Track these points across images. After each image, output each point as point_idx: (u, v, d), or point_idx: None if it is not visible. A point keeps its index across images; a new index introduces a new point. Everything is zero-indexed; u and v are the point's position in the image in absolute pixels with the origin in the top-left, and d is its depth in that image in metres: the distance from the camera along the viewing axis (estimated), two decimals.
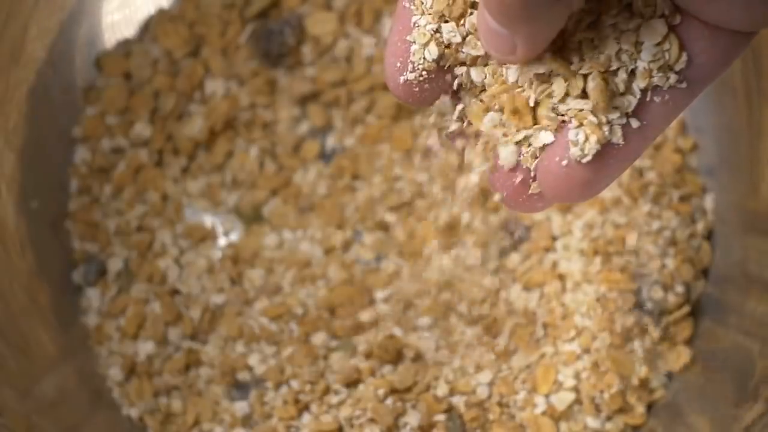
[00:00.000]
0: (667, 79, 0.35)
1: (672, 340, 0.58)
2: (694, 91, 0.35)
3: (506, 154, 0.37)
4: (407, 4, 0.37)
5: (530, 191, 0.37)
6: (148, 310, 0.59)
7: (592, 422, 0.56)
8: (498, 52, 0.34)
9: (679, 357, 0.57)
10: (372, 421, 0.55)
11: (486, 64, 0.37)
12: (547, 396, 0.56)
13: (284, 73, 0.63)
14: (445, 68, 0.37)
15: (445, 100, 0.38)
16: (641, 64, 0.35)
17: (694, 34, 0.34)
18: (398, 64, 0.37)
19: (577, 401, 0.56)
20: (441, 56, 0.37)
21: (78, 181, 0.62)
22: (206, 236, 0.61)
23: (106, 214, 0.61)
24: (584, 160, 0.35)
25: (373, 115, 0.63)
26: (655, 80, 0.35)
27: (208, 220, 0.62)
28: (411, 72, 0.37)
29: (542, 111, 0.36)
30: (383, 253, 0.60)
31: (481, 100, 0.37)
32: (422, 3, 0.37)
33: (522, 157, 0.36)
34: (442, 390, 0.56)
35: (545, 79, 0.35)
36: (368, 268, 0.60)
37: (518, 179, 0.37)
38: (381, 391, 0.56)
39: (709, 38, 0.34)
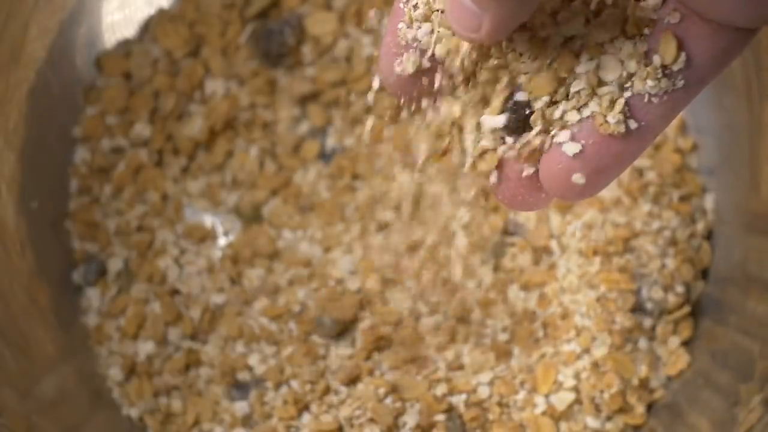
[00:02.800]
0: (660, 83, 0.35)
1: (672, 340, 0.58)
2: (693, 90, 0.35)
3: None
4: (402, 5, 0.37)
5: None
6: (148, 310, 0.59)
7: (592, 422, 0.56)
8: (463, 28, 0.34)
9: (678, 357, 0.57)
10: (372, 420, 0.55)
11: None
12: (547, 396, 0.56)
13: (284, 73, 0.63)
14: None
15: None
16: (612, 88, 0.35)
17: (694, 32, 0.34)
18: (391, 63, 0.38)
19: (577, 401, 0.56)
20: (421, 67, 0.37)
21: (78, 181, 0.62)
22: (206, 236, 0.61)
23: (106, 214, 0.62)
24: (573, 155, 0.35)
25: (373, 115, 0.63)
26: (648, 87, 0.35)
27: (208, 220, 0.62)
28: (401, 70, 0.38)
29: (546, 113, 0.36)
30: (382, 252, 0.60)
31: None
32: (411, 10, 0.37)
33: (521, 154, 0.37)
34: (441, 390, 0.56)
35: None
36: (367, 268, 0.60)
37: (518, 178, 0.37)
38: (381, 391, 0.56)
39: (710, 36, 0.34)
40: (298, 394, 0.57)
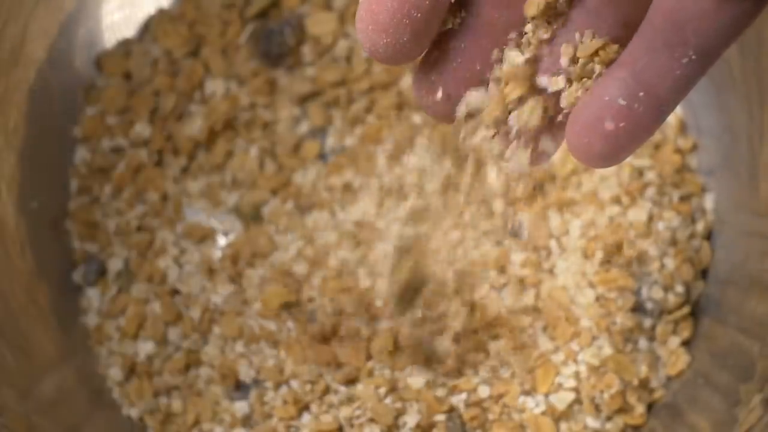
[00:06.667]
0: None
1: (672, 340, 0.58)
2: (706, 63, 0.35)
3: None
4: None
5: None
6: (148, 310, 0.59)
7: (592, 422, 0.56)
8: None
9: (678, 357, 0.57)
10: (372, 420, 0.55)
11: None
12: (547, 396, 0.56)
13: (284, 73, 0.63)
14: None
15: None
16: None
17: (704, 4, 0.34)
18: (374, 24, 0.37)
19: (577, 401, 0.56)
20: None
21: (78, 181, 0.62)
22: (206, 236, 0.61)
23: (106, 214, 0.62)
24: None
25: (373, 115, 0.63)
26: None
27: (208, 220, 0.62)
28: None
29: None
30: (383, 251, 0.60)
31: None
32: None
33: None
34: (442, 390, 0.56)
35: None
36: (368, 266, 0.60)
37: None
38: (381, 391, 0.56)
39: (718, 8, 0.34)
40: (298, 394, 0.57)
